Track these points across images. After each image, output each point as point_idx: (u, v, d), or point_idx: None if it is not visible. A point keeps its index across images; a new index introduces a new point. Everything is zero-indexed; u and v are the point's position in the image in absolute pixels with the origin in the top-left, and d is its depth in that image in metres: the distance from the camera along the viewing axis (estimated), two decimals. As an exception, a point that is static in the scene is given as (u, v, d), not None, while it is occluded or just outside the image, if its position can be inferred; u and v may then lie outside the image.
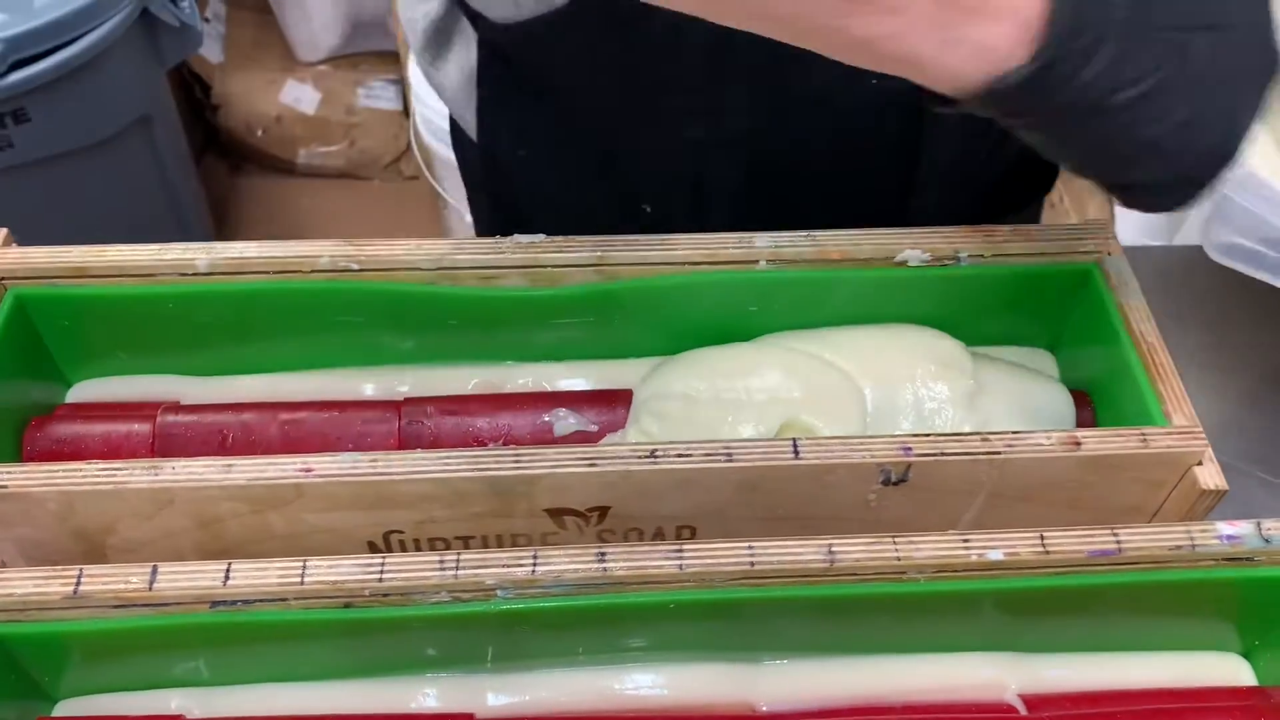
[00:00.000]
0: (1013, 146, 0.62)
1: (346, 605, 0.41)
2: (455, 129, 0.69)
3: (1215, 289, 0.70)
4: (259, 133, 1.81)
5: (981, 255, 0.52)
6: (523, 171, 0.65)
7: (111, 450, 0.49)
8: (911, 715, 0.43)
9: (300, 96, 1.81)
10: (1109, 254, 0.52)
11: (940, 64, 0.39)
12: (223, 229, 1.75)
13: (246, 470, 0.43)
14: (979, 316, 0.53)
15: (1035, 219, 0.72)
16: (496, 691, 0.44)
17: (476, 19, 0.59)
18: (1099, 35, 0.38)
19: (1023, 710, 0.44)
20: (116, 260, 0.49)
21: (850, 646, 0.45)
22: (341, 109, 1.81)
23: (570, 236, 0.51)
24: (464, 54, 0.63)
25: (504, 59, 0.60)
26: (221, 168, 1.87)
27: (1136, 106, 0.39)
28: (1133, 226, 1.37)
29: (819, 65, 0.40)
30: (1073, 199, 1.48)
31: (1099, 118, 0.40)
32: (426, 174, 1.58)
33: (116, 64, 1.30)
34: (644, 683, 0.44)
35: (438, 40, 0.64)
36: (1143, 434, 0.45)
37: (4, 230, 0.50)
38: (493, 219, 0.70)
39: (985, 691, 0.45)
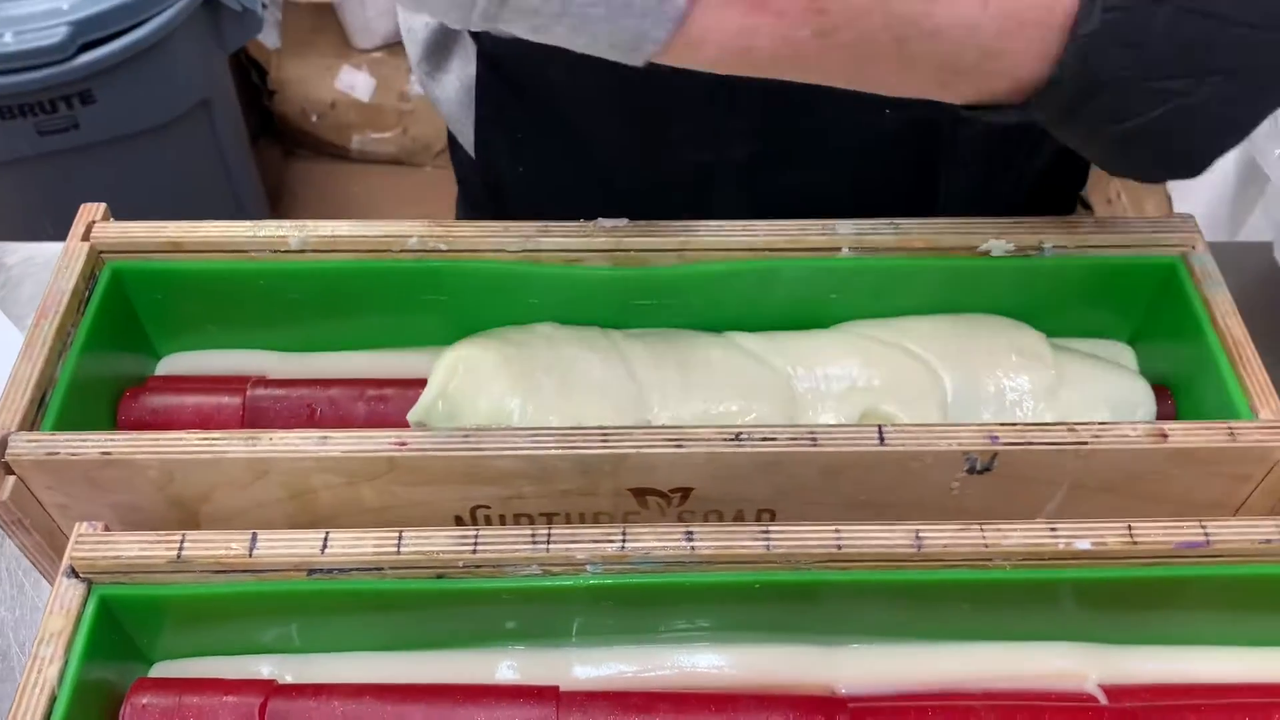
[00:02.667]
0: (1030, 175, 0.63)
1: (439, 576, 0.42)
2: (452, 141, 0.69)
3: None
4: (314, 118, 1.83)
5: (1065, 246, 0.52)
6: (520, 189, 0.65)
7: (202, 421, 0.50)
8: (991, 702, 0.43)
9: (355, 83, 1.83)
10: (1194, 248, 0.52)
11: (951, 98, 0.42)
12: (276, 213, 1.77)
13: (341, 442, 0.44)
14: (1060, 308, 0.53)
15: None
16: (580, 665, 0.45)
17: (477, 32, 0.59)
18: (1095, 89, 0.40)
19: (1104, 700, 0.44)
20: (211, 236, 0.51)
21: (931, 632, 0.45)
22: (395, 96, 1.82)
23: (654, 221, 0.52)
24: (463, 67, 0.62)
25: (503, 75, 0.59)
26: (275, 152, 1.89)
27: (1130, 135, 0.41)
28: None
29: (824, 99, 0.42)
30: (1130, 197, 1.47)
31: (1094, 136, 0.42)
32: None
33: (180, 47, 1.32)
34: (725, 662, 0.45)
35: (437, 52, 0.63)
36: (1230, 427, 0.45)
37: (103, 205, 0.52)
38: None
39: (1065, 681, 0.45)
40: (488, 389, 0.49)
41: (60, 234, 0.69)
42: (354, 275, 0.51)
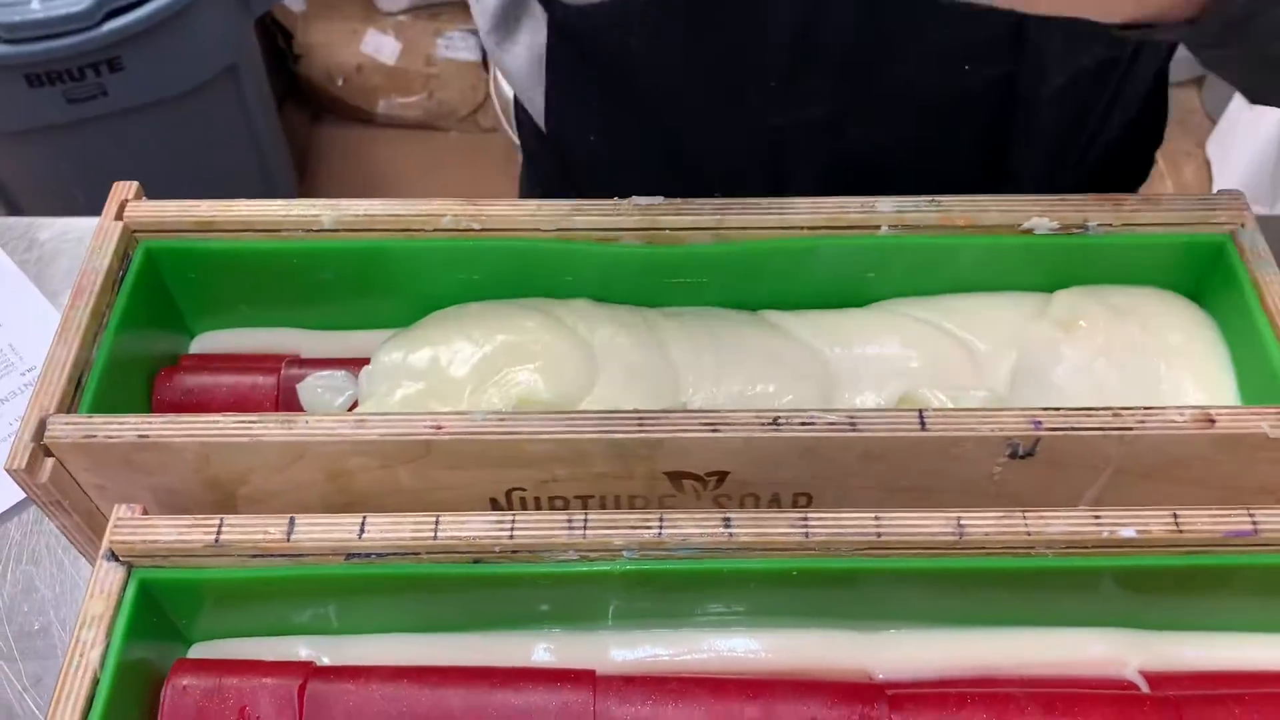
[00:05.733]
0: (1108, 135, 0.61)
1: (476, 561, 0.42)
2: (519, 108, 0.69)
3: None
4: (339, 82, 1.83)
5: (1110, 224, 0.50)
6: (591, 160, 0.64)
7: (237, 401, 0.50)
8: (1031, 689, 0.43)
9: (381, 46, 1.81)
10: (1243, 225, 0.50)
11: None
12: (303, 178, 1.77)
13: (378, 426, 0.44)
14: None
15: None
16: (617, 648, 0.45)
17: (547, 1, 0.58)
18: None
19: (1145, 687, 0.43)
20: (244, 215, 0.50)
21: (971, 619, 0.45)
22: (421, 60, 1.81)
23: (689, 199, 0.51)
24: (533, 36, 0.61)
25: (575, 42, 0.59)
26: (302, 117, 1.89)
27: None
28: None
29: (904, 55, 0.40)
30: (1168, 162, 1.44)
31: (1253, 55, 0.41)
32: (505, 125, 1.58)
33: (207, 13, 1.32)
34: (761, 646, 0.45)
35: (506, 21, 0.62)
36: (1280, 413, 0.44)
37: (135, 184, 0.51)
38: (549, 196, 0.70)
39: (1105, 667, 0.44)
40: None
41: (90, 201, 0.68)
42: (387, 254, 0.51)
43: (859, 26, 0.47)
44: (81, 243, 0.64)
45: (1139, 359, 0.50)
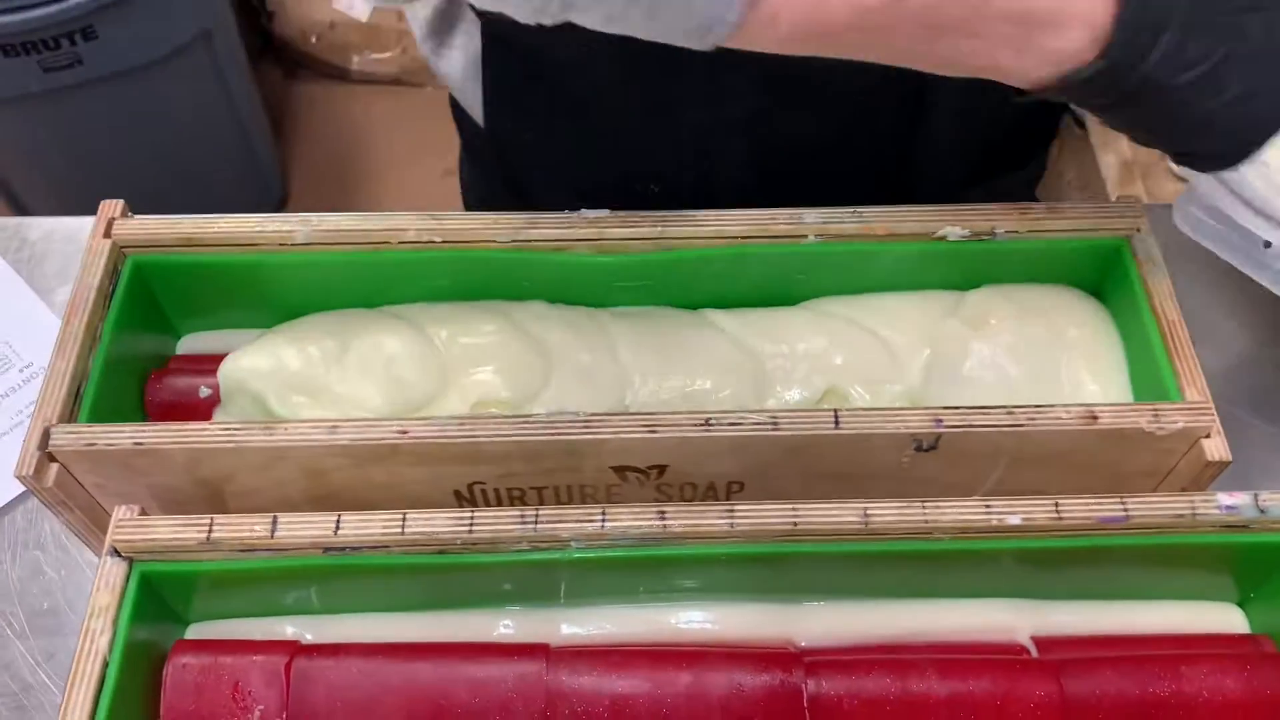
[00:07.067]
0: (1009, 112, 0.66)
1: (440, 552, 0.47)
2: (455, 104, 0.72)
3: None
4: (313, 39, 1.84)
5: (1017, 231, 0.55)
6: (529, 153, 0.67)
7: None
8: (934, 654, 0.49)
9: (353, 3, 1.82)
10: (1138, 231, 0.55)
11: (1017, 69, 0.44)
12: (279, 135, 1.79)
13: (350, 431, 0.49)
14: (1012, 288, 0.57)
15: (1036, 176, 0.76)
16: (568, 624, 0.50)
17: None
18: (1160, 27, 0.42)
19: (1034, 652, 0.49)
20: (223, 231, 0.54)
21: (881, 592, 0.50)
22: (394, 16, 1.82)
23: (633, 211, 0.55)
24: (468, 40, 0.64)
25: (508, 46, 0.62)
26: (276, 74, 1.90)
27: (1195, 85, 0.43)
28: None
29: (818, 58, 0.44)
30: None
31: (1160, 97, 0.43)
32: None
33: (178, -22, 1.34)
34: (696, 619, 0.50)
35: (441, 28, 0.65)
36: (1155, 410, 0.49)
37: (121, 202, 0.55)
38: (491, 189, 0.73)
39: (1001, 634, 0.50)
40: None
41: (69, 168, 0.69)
42: (357, 265, 0.55)
43: None
44: (70, 241, 0.68)
45: (1042, 354, 0.55)
